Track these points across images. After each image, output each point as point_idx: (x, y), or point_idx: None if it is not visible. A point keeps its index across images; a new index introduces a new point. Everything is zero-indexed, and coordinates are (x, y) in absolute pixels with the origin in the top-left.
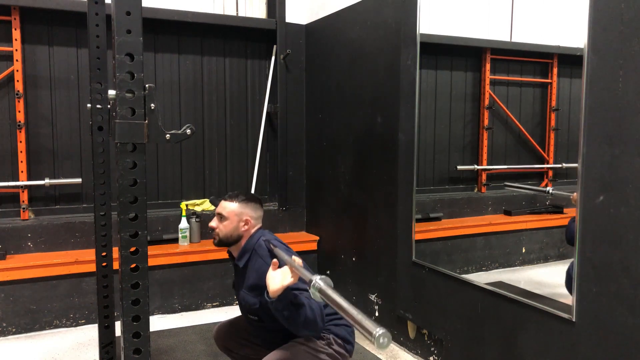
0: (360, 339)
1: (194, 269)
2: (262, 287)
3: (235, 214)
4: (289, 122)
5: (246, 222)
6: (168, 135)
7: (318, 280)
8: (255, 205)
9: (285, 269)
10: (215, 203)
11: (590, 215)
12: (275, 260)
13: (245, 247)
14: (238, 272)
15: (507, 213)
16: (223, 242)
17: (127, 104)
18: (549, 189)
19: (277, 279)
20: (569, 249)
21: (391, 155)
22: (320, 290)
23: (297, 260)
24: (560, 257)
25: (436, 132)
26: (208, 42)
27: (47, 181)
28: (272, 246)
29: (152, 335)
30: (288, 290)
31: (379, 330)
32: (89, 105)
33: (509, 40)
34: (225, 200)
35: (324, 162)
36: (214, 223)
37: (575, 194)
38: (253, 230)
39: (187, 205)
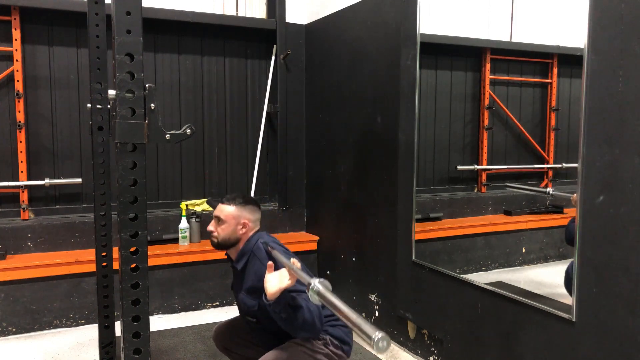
0: (359, 340)
1: (194, 269)
2: (260, 289)
3: (232, 217)
4: (289, 122)
5: (244, 225)
6: (168, 135)
7: (317, 283)
8: (253, 208)
9: (283, 271)
10: (212, 205)
11: (590, 215)
12: (270, 262)
13: (243, 249)
14: (236, 274)
15: (507, 213)
16: (221, 245)
17: (127, 104)
18: (549, 189)
19: (275, 282)
20: (569, 249)
21: (391, 155)
22: (319, 294)
23: (296, 264)
24: (560, 257)
25: (436, 132)
26: (208, 42)
27: (47, 181)
28: (269, 249)
29: (152, 335)
30: (286, 293)
31: (378, 334)
32: (89, 105)
33: (509, 40)
34: (223, 203)
35: (324, 162)
36: (211, 227)
37: (575, 195)
38: (251, 233)
39: (187, 205)
